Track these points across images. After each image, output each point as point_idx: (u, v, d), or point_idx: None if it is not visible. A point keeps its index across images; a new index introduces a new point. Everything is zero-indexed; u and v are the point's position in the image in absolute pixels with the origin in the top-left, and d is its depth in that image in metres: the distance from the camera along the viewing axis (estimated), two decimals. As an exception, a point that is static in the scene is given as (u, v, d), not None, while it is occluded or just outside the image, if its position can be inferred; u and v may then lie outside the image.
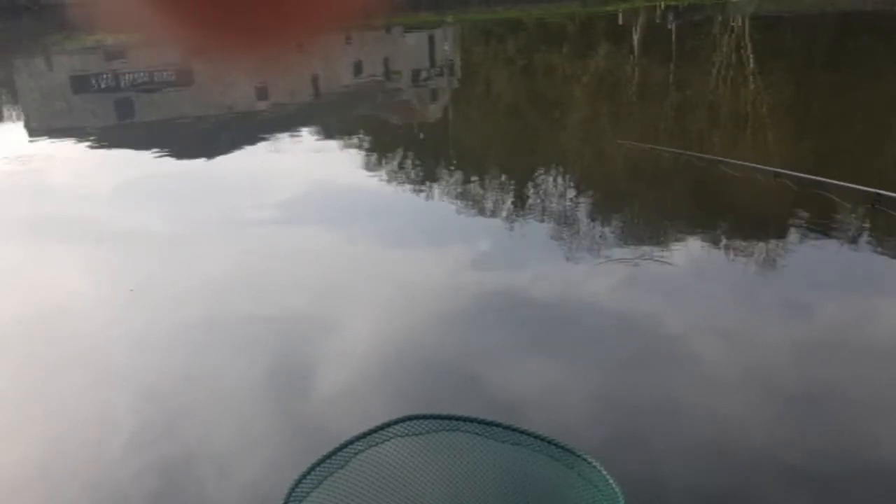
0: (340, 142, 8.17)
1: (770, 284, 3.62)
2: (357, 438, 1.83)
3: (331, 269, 4.40)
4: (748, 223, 4.33)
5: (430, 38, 17.64)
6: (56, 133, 9.41)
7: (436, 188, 6.13)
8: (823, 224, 3.89)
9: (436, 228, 5.24)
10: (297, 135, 8.56)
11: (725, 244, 4.15)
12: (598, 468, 1.69)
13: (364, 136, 8.46)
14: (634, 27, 17.20)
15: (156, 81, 12.96)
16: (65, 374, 3.26)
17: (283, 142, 8.20)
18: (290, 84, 11.80)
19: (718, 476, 2.42)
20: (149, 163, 7.62)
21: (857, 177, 5.75)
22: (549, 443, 1.80)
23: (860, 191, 3.58)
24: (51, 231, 5.38)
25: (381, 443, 1.84)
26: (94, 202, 6.12)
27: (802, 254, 3.79)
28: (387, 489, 1.82)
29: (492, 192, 5.91)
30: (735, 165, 4.46)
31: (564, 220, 5.05)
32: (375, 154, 7.60)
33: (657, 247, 4.37)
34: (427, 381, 3.08)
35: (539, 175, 6.36)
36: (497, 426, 1.87)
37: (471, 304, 3.79)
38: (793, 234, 3.99)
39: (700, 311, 3.59)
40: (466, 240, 4.85)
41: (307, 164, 7.27)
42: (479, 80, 12.88)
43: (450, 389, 3.00)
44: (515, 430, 1.85)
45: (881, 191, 3.41)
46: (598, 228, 4.89)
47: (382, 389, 3.02)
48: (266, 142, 8.15)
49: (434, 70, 13.74)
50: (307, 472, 1.73)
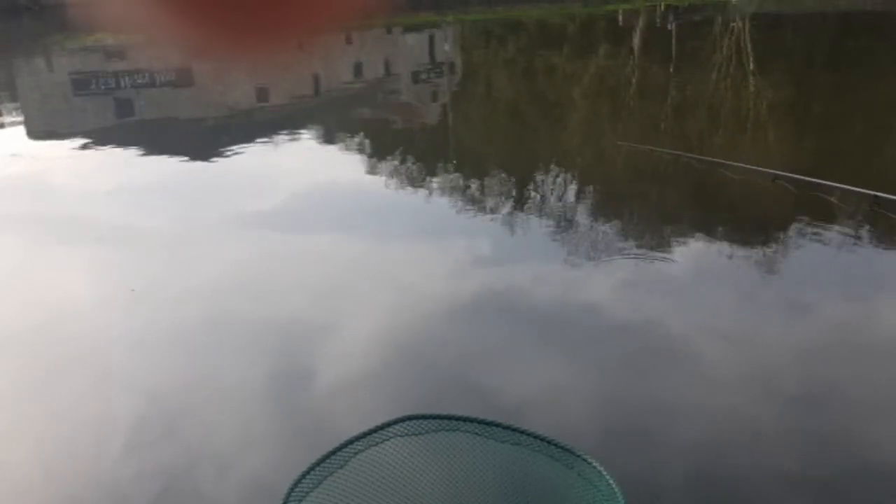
0: (341, 142, 8.17)
1: (767, 286, 3.62)
2: (357, 438, 1.83)
3: (332, 269, 4.40)
4: (745, 225, 4.33)
5: (431, 39, 17.63)
6: (56, 133, 9.41)
7: (436, 188, 6.13)
8: (821, 226, 3.89)
9: (436, 228, 5.24)
10: (298, 135, 8.56)
11: (722, 246, 4.14)
12: (598, 468, 1.69)
13: (364, 137, 8.46)
14: (635, 28, 17.19)
15: (156, 81, 12.96)
16: (66, 374, 3.26)
17: (284, 142, 8.19)
18: (291, 84, 11.80)
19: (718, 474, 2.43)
20: (149, 163, 7.62)
21: (857, 177, 5.75)
22: (549, 443, 1.80)
23: (858, 193, 3.59)
24: (51, 231, 5.38)
25: (381, 443, 1.84)
26: (95, 202, 6.12)
27: (799, 256, 3.79)
28: (386, 489, 1.82)
29: (491, 193, 5.91)
30: (734, 168, 4.45)
31: (563, 221, 5.05)
32: (376, 154, 7.60)
33: (654, 248, 4.37)
34: (427, 382, 3.08)
35: (538, 175, 6.36)
36: (497, 426, 1.87)
37: (470, 304, 3.79)
38: (790, 236, 3.99)
39: (696, 312, 3.59)
40: (466, 239, 4.85)
41: (308, 165, 7.27)
42: (480, 81, 12.87)
43: (450, 390, 3.00)
44: (515, 430, 1.85)
45: (879, 193, 3.41)
46: (597, 228, 4.88)
47: (383, 389, 3.02)
48: (266, 142, 8.15)
49: (434, 70, 13.74)
50: (307, 472, 1.73)
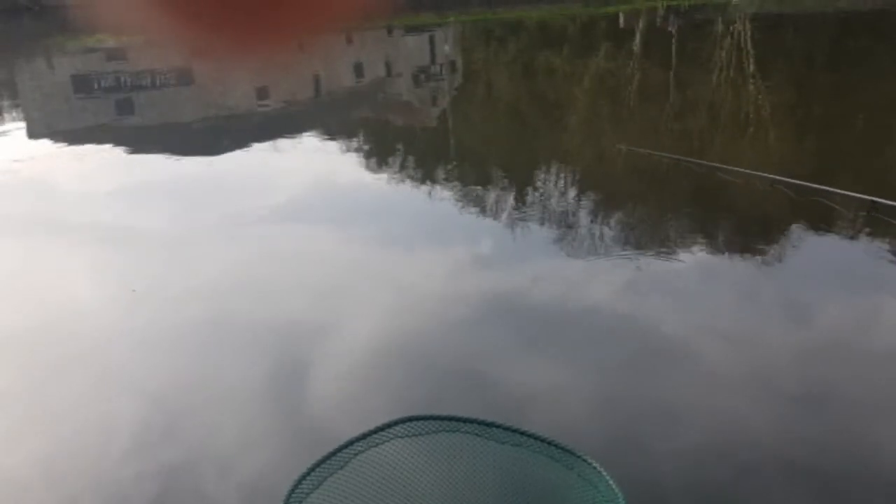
0: (341, 142, 8.17)
1: (762, 289, 3.61)
2: (357, 439, 1.82)
3: (332, 269, 4.40)
4: (743, 229, 4.32)
5: (431, 39, 17.63)
6: (57, 133, 9.41)
7: (436, 188, 6.13)
8: (819, 231, 3.89)
9: (436, 228, 5.24)
10: (298, 135, 8.56)
11: (718, 249, 4.15)
12: (599, 469, 1.69)
13: (365, 137, 8.46)
14: (635, 29, 17.19)
15: (156, 82, 12.97)
16: (67, 374, 3.26)
17: (284, 142, 8.20)
18: (292, 85, 11.80)
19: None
20: (149, 163, 7.62)
21: (857, 179, 5.76)
22: (549, 444, 1.80)
23: (857, 198, 3.59)
24: (52, 231, 5.38)
25: (382, 443, 1.84)
26: (95, 202, 6.12)
27: (795, 260, 3.78)
28: (387, 490, 1.82)
29: (491, 193, 5.91)
30: (733, 172, 4.44)
31: (562, 222, 5.05)
32: (376, 154, 7.60)
33: (652, 248, 4.38)
34: (427, 382, 3.08)
35: (537, 176, 6.36)
36: (497, 427, 1.86)
37: (470, 304, 3.79)
38: (787, 241, 3.99)
39: (694, 315, 3.59)
40: (466, 239, 4.85)
41: (308, 165, 7.27)
42: (480, 81, 12.87)
43: (450, 390, 3.00)
44: (515, 431, 1.85)
45: (877, 198, 3.41)
46: (596, 230, 4.89)
47: (383, 390, 3.02)
48: (267, 142, 8.15)
49: (435, 71, 13.74)
50: (307, 473, 1.73)
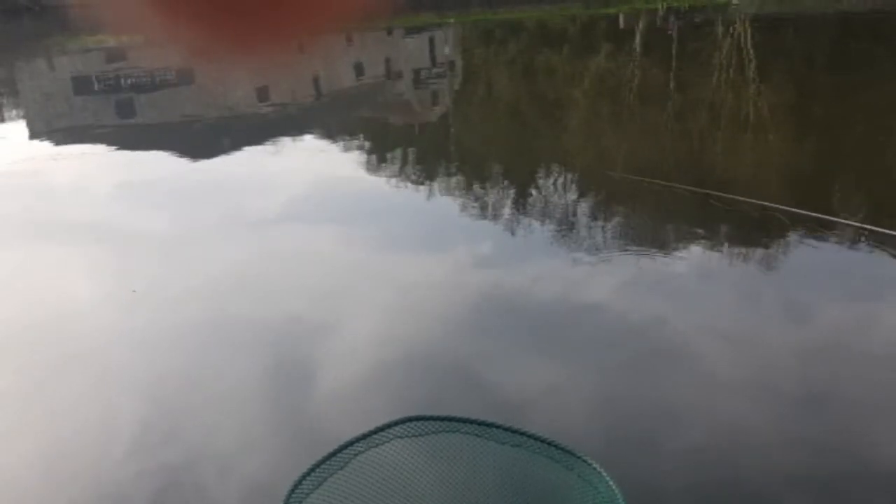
0: (342, 143, 8.17)
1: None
2: (357, 440, 1.82)
3: (333, 269, 4.40)
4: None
5: (431, 40, 17.63)
6: (57, 134, 9.42)
7: (436, 189, 6.13)
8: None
9: (436, 228, 5.24)
10: (298, 135, 8.56)
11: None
12: (598, 470, 1.69)
13: (365, 137, 8.46)
14: (635, 30, 17.18)
15: (157, 82, 12.97)
16: (67, 374, 3.26)
17: (285, 142, 8.20)
18: (292, 85, 11.80)
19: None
20: (149, 163, 7.62)
21: (857, 181, 5.75)
22: (549, 444, 1.80)
23: (849, 225, 3.57)
24: (52, 232, 5.38)
25: (381, 444, 1.84)
26: (96, 203, 6.12)
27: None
28: (387, 490, 1.82)
29: (490, 193, 5.91)
30: (726, 199, 4.31)
31: (561, 222, 5.06)
32: (376, 155, 7.60)
33: (651, 248, 4.39)
34: (427, 382, 3.08)
35: (537, 177, 6.37)
36: (497, 427, 1.86)
37: (469, 303, 3.79)
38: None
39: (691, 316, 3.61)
40: (466, 239, 4.85)
41: (308, 165, 7.26)
42: (480, 82, 12.87)
43: (450, 390, 3.00)
44: (515, 432, 1.85)
45: (867, 226, 3.42)
46: (594, 231, 4.90)
47: (383, 390, 3.02)
48: (267, 142, 8.15)
49: (435, 71, 13.74)
50: (307, 473, 1.72)
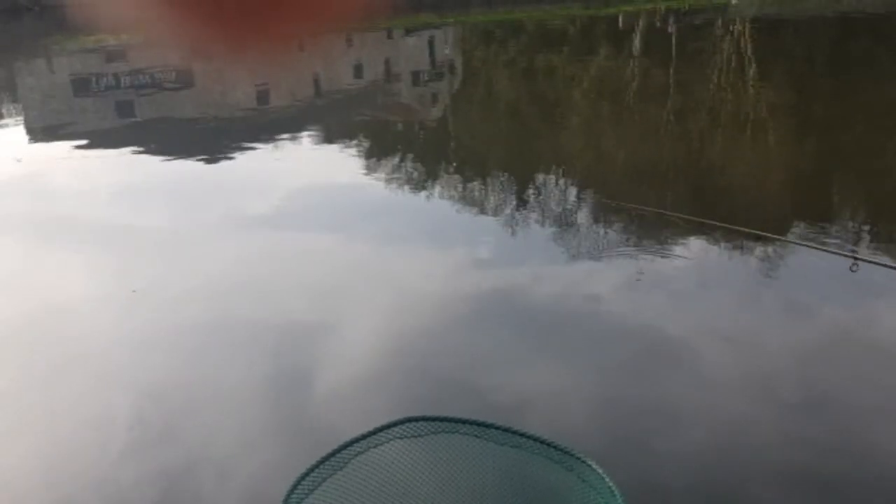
0: (341, 143, 8.17)
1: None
2: (356, 440, 1.82)
3: (332, 269, 4.40)
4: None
5: (431, 40, 17.62)
6: (57, 134, 9.40)
7: (435, 189, 6.13)
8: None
9: (436, 229, 5.24)
10: (298, 136, 8.56)
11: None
12: (598, 471, 1.69)
13: (364, 138, 8.46)
14: (635, 30, 17.19)
15: (156, 82, 12.96)
16: (67, 374, 3.26)
17: (284, 143, 8.20)
18: (292, 85, 11.80)
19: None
20: (149, 164, 7.62)
21: (857, 182, 5.75)
22: (549, 445, 1.80)
23: (840, 254, 3.58)
24: (51, 232, 5.38)
25: (381, 444, 1.83)
26: (95, 203, 6.12)
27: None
28: (385, 491, 1.81)
29: (489, 194, 5.92)
30: (717, 227, 4.24)
31: (561, 223, 5.07)
32: (376, 155, 7.60)
33: (651, 246, 4.39)
34: (428, 383, 3.08)
35: (536, 177, 6.37)
36: (496, 428, 1.86)
37: (469, 303, 3.79)
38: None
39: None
40: (466, 240, 4.85)
41: (308, 165, 7.27)
42: (480, 82, 12.87)
43: (451, 390, 3.00)
44: (514, 433, 1.85)
45: (858, 257, 3.42)
46: (594, 232, 4.91)
47: (383, 391, 3.02)
48: (267, 143, 8.15)
49: (434, 72, 13.74)
50: (306, 474, 1.72)
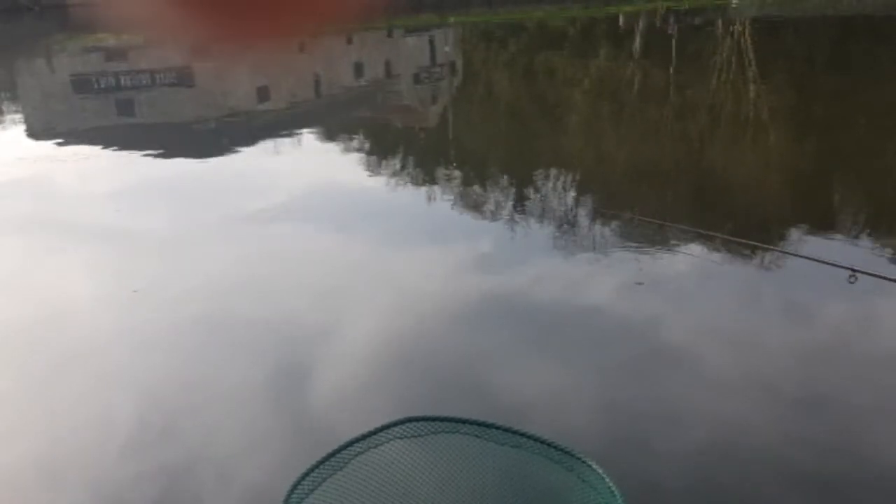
0: (341, 143, 8.18)
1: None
2: (357, 440, 1.82)
3: (332, 270, 4.40)
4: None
5: (431, 40, 17.64)
6: (57, 133, 9.41)
7: (436, 189, 6.13)
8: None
9: (436, 229, 5.23)
10: (298, 135, 8.56)
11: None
12: (598, 471, 1.69)
13: (365, 138, 8.46)
14: (635, 30, 17.19)
15: (157, 82, 12.97)
16: (68, 374, 3.27)
17: (285, 143, 8.20)
18: (292, 85, 11.80)
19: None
20: (149, 163, 7.62)
21: (858, 184, 5.75)
22: (549, 445, 1.80)
23: (837, 266, 3.58)
24: (52, 231, 5.38)
25: (381, 444, 1.84)
26: (96, 202, 6.12)
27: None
28: (386, 491, 1.82)
29: (489, 194, 5.92)
30: (715, 238, 4.23)
31: (560, 223, 5.08)
32: (376, 155, 7.60)
33: (649, 244, 4.40)
34: (428, 383, 3.08)
35: (537, 178, 6.37)
36: (496, 428, 1.86)
37: (468, 303, 3.79)
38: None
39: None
40: (466, 240, 4.86)
41: (308, 165, 7.27)
42: (480, 82, 12.88)
43: (451, 390, 3.00)
44: (515, 433, 1.85)
45: (856, 269, 3.42)
46: (594, 233, 4.91)
47: (382, 390, 3.02)
48: (267, 142, 8.15)
49: (435, 72, 13.74)
50: (307, 474, 1.72)
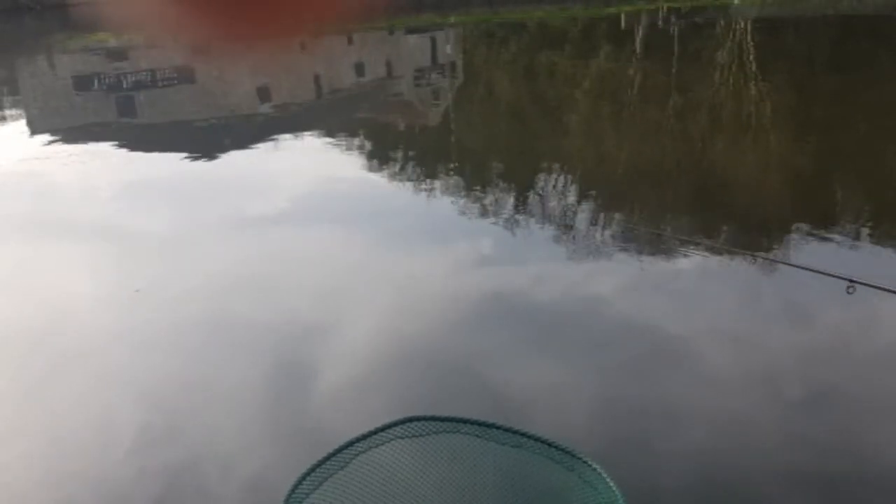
0: (342, 142, 8.17)
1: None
2: (357, 440, 1.82)
3: (332, 270, 4.39)
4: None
5: (433, 40, 17.62)
6: (58, 132, 9.41)
7: (436, 189, 6.13)
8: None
9: (437, 229, 5.23)
10: (299, 135, 8.56)
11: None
12: (599, 471, 1.69)
13: (366, 137, 8.46)
14: (636, 30, 17.18)
15: (158, 81, 12.98)
16: (69, 373, 3.27)
17: (285, 142, 8.19)
18: (293, 85, 11.80)
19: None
20: (150, 162, 7.63)
21: (857, 185, 5.74)
22: (550, 445, 1.80)
23: (835, 276, 3.58)
24: (53, 230, 5.38)
25: (382, 444, 1.83)
26: (96, 202, 6.12)
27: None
28: (387, 490, 1.81)
29: (490, 194, 5.91)
30: (714, 247, 4.20)
31: (561, 223, 5.08)
32: (377, 155, 7.60)
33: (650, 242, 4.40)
34: (428, 383, 3.08)
35: (537, 178, 6.37)
36: (497, 428, 1.86)
37: (468, 303, 3.79)
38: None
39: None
40: (466, 240, 4.86)
41: (309, 165, 7.26)
42: (481, 82, 12.87)
43: (451, 390, 3.00)
44: (516, 433, 1.85)
45: (855, 279, 3.42)
46: (595, 233, 4.91)
47: (383, 391, 3.02)
48: (268, 142, 8.15)
49: (436, 71, 13.74)
50: (308, 473, 1.72)
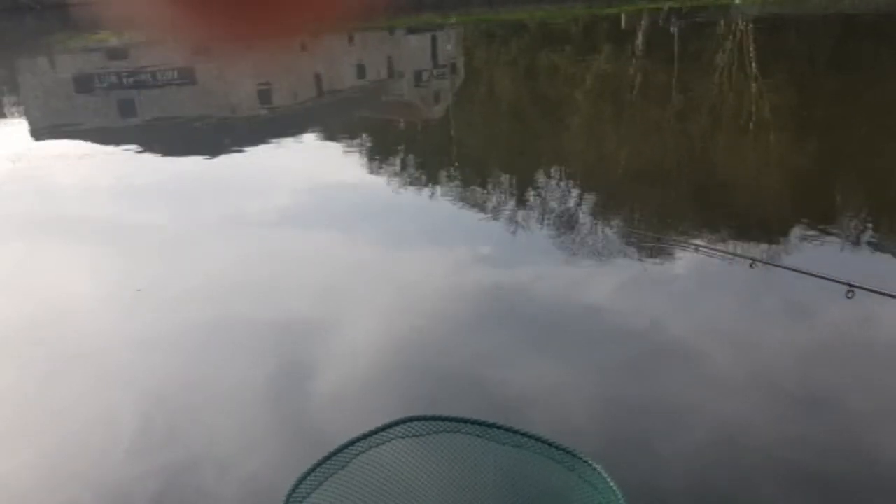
0: (343, 142, 8.17)
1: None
2: (357, 440, 1.82)
3: (333, 270, 4.39)
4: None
5: (433, 40, 17.62)
6: (59, 132, 9.41)
7: (437, 189, 6.13)
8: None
9: (436, 229, 5.23)
10: (300, 135, 8.56)
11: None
12: (600, 471, 1.68)
13: (366, 138, 8.46)
14: (637, 30, 17.18)
15: (158, 81, 12.98)
16: (69, 373, 3.27)
17: (286, 142, 8.20)
18: (294, 84, 11.81)
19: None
20: (151, 162, 7.63)
21: (857, 185, 5.74)
22: (550, 445, 1.79)
23: (835, 280, 3.57)
24: (53, 230, 5.38)
25: (382, 444, 1.83)
26: (97, 202, 6.12)
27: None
28: (387, 491, 1.81)
29: (491, 194, 5.91)
30: (711, 251, 4.21)
31: (561, 223, 5.08)
32: (378, 155, 7.60)
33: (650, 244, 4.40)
34: (428, 382, 3.08)
35: (537, 178, 6.37)
36: (498, 428, 1.86)
37: (468, 303, 3.79)
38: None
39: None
40: (467, 240, 4.85)
41: (310, 165, 7.26)
42: (482, 82, 12.87)
43: (451, 390, 3.00)
44: (516, 433, 1.84)
45: (854, 284, 3.42)
46: (594, 230, 4.91)
47: (383, 390, 3.02)
48: (269, 142, 8.15)
49: (437, 71, 13.74)
50: (307, 473, 1.72)
